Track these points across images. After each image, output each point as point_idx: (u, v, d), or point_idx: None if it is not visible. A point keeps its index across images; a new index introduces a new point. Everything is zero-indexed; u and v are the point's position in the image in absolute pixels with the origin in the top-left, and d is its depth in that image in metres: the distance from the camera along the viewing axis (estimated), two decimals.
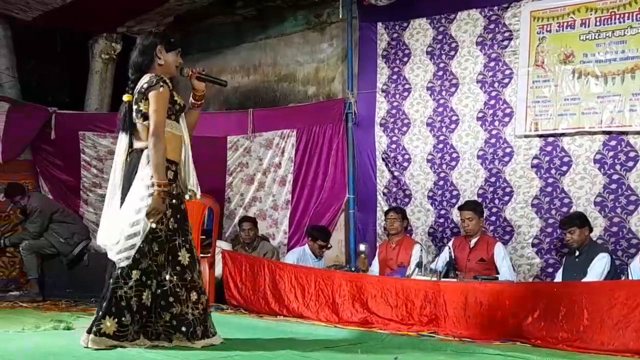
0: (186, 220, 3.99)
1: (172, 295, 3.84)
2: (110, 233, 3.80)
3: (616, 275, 5.31)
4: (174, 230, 3.89)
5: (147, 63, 3.97)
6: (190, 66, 4.34)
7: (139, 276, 3.74)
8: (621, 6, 5.80)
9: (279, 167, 7.77)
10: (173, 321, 3.83)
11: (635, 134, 5.69)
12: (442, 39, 6.80)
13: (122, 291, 3.70)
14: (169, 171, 3.91)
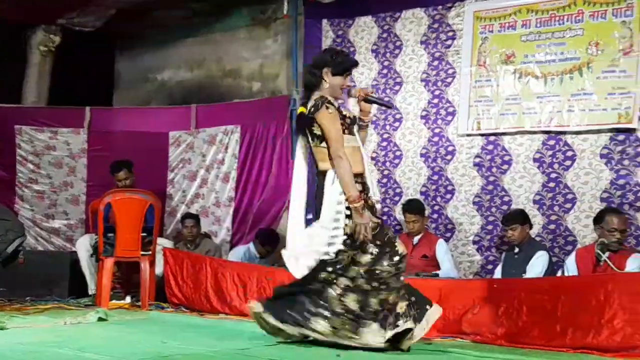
0: (382, 231, 4.00)
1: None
2: (297, 247, 3.99)
3: (553, 271, 5.43)
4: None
5: (315, 83, 4.10)
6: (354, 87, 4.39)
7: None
8: (561, 8, 5.92)
9: (222, 163, 7.70)
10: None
11: (573, 133, 5.82)
12: (386, 38, 6.83)
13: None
14: (357, 184, 3.95)
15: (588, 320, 4.15)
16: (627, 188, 5.57)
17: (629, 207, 5.52)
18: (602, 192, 5.67)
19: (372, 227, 3.91)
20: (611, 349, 4.03)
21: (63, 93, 8.26)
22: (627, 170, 5.58)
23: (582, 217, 5.71)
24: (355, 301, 3.84)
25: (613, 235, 4.99)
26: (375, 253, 3.91)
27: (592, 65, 5.73)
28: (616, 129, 5.63)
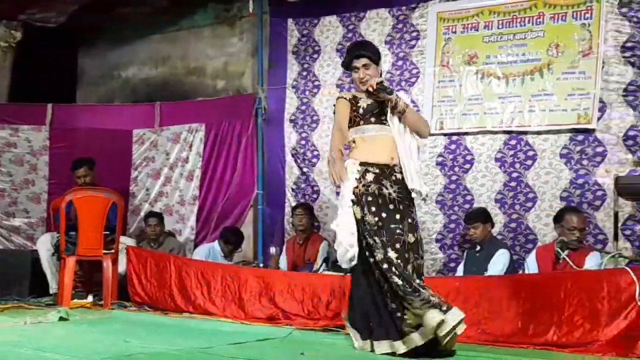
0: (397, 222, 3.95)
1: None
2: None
3: (514, 269, 5.51)
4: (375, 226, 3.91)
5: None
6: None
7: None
8: (522, 10, 6.01)
9: (186, 161, 7.66)
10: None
11: (534, 134, 5.91)
12: (351, 37, 6.86)
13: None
14: (368, 173, 4.01)
15: (548, 317, 4.22)
16: (586, 187, 5.68)
17: (588, 206, 5.63)
18: (562, 191, 5.77)
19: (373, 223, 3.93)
20: (571, 345, 4.10)
21: (24, 89, 8.13)
22: (586, 170, 5.69)
23: (543, 216, 5.81)
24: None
25: (573, 234, 5.07)
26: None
27: (553, 67, 5.84)
28: (575, 129, 5.73)
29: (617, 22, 5.60)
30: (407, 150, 4.06)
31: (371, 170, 4.02)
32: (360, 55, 4.22)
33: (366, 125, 4.13)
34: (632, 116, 5.54)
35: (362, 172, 4.02)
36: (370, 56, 4.20)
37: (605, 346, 4.00)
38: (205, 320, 5.21)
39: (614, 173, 5.46)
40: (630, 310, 3.99)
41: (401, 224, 3.93)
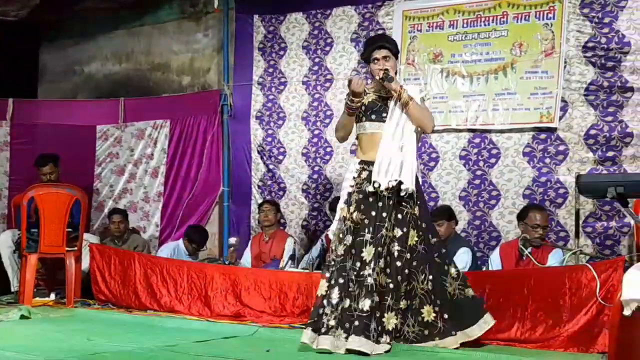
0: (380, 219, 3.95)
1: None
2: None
3: (478, 267, 5.57)
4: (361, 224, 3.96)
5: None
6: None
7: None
8: (486, 10, 6.08)
9: (151, 158, 7.60)
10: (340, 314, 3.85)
11: (498, 132, 5.98)
12: (317, 34, 6.87)
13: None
14: (364, 171, 4.10)
15: (512, 313, 4.29)
16: (549, 185, 5.77)
17: (550, 203, 5.72)
18: (524, 189, 5.86)
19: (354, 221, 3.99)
20: (534, 341, 4.17)
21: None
22: (548, 168, 5.78)
23: (506, 213, 5.89)
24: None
25: (536, 231, 5.14)
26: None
27: (516, 66, 5.91)
28: (538, 128, 5.82)
29: (579, 23, 5.70)
30: (391, 148, 4.03)
31: (367, 168, 4.08)
32: (382, 46, 4.24)
33: (366, 122, 4.18)
34: (593, 115, 5.64)
35: (359, 171, 4.10)
36: (391, 48, 4.23)
37: (567, 342, 4.08)
38: (171, 318, 5.18)
39: (576, 171, 5.57)
40: (591, 306, 4.07)
41: (387, 221, 3.94)
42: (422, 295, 3.94)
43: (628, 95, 5.51)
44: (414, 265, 3.96)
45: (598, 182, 3.75)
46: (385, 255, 3.91)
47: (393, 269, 3.90)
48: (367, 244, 3.90)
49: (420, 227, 4.04)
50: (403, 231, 3.96)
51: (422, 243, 4.01)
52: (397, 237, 3.95)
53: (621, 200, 3.61)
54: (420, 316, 3.93)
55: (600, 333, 3.99)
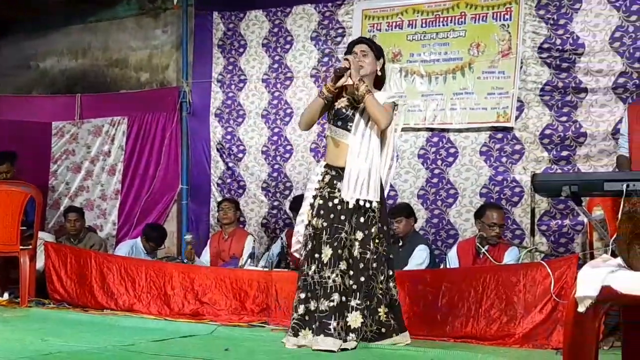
0: (338, 221, 3.96)
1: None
2: None
3: (436, 264, 5.63)
4: (320, 229, 3.98)
5: None
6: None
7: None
8: (445, 10, 6.14)
9: (108, 155, 7.52)
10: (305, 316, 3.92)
11: (456, 131, 6.05)
12: (277, 32, 6.86)
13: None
14: (327, 175, 4.08)
15: (467, 311, 4.34)
16: (505, 184, 5.86)
17: (506, 202, 5.81)
18: (481, 187, 5.94)
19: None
20: (489, 338, 4.23)
21: None
22: (504, 167, 5.87)
23: (463, 212, 5.97)
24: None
25: (492, 229, 5.21)
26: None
27: (474, 66, 5.99)
28: (495, 127, 5.90)
29: (535, 24, 5.79)
30: (358, 163, 4.01)
31: (330, 172, 4.08)
32: (361, 41, 4.28)
33: (333, 126, 4.15)
34: (548, 115, 5.74)
35: (323, 175, 4.10)
36: (370, 45, 4.21)
37: (522, 338, 4.14)
38: (128, 317, 5.12)
39: (531, 170, 5.65)
40: (546, 303, 4.14)
41: (347, 224, 3.96)
42: (380, 295, 3.98)
43: (582, 95, 5.62)
44: (374, 267, 3.99)
45: (553, 181, 3.81)
46: (347, 257, 3.94)
47: (356, 270, 3.94)
48: (325, 245, 3.93)
49: (382, 229, 4.07)
50: (365, 233, 3.98)
51: (382, 245, 4.05)
52: (358, 240, 3.98)
53: (575, 199, 3.67)
54: (377, 315, 3.97)
55: (554, 329, 4.07)
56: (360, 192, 3.96)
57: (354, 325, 3.86)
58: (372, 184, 4.00)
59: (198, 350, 3.76)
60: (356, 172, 3.98)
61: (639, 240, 1.88)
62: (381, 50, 4.28)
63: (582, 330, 1.89)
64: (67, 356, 3.44)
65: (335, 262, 3.89)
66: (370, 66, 4.15)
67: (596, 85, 5.55)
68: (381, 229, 4.06)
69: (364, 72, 4.10)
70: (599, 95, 5.55)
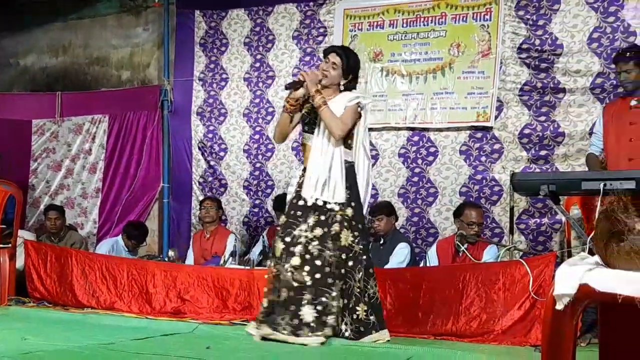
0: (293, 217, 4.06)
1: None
2: None
3: (416, 262, 5.67)
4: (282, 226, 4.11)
5: None
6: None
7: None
8: (425, 10, 6.18)
9: (89, 153, 7.48)
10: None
11: (436, 130, 6.10)
12: (259, 31, 6.87)
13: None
14: (303, 178, 4.15)
15: (447, 308, 4.38)
16: (484, 183, 5.91)
17: (485, 201, 5.86)
18: (461, 186, 5.99)
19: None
20: (468, 335, 4.27)
21: None
22: (484, 166, 5.92)
23: (443, 210, 6.01)
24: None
25: (471, 228, 5.26)
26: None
27: (454, 66, 6.03)
28: (475, 126, 5.96)
29: (514, 24, 5.85)
30: (319, 163, 4.08)
31: (303, 175, 4.16)
32: (332, 50, 4.29)
33: (303, 131, 4.29)
34: (527, 115, 5.80)
35: (301, 177, 4.18)
36: (341, 55, 4.20)
37: (501, 335, 4.19)
38: (109, 316, 5.10)
39: (510, 169, 5.69)
40: (525, 300, 4.19)
41: (304, 222, 4.02)
42: (358, 294, 4.01)
43: (560, 96, 5.69)
44: (350, 265, 4.02)
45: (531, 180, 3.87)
46: (302, 253, 3.98)
47: (312, 266, 3.97)
48: (278, 240, 4.06)
49: (356, 227, 4.09)
50: (324, 231, 4.01)
51: (358, 243, 4.07)
52: (317, 237, 4.01)
53: (553, 198, 3.73)
54: (355, 314, 4.00)
55: (533, 327, 4.12)
56: (321, 192, 4.03)
57: (307, 319, 3.89)
58: (333, 184, 4.05)
59: (179, 348, 3.76)
60: (316, 172, 4.06)
61: (615, 238, 1.91)
62: (353, 66, 4.24)
63: (560, 327, 1.92)
64: (47, 355, 3.42)
65: (286, 257, 3.98)
66: (335, 78, 4.18)
67: (574, 85, 5.62)
68: (354, 227, 4.08)
69: (327, 82, 4.15)
70: (577, 96, 5.62)
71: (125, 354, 3.49)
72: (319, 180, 4.03)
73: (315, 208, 4.03)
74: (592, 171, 4.59)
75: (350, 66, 4.20)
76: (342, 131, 4.07)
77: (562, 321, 1.91)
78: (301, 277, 3.94)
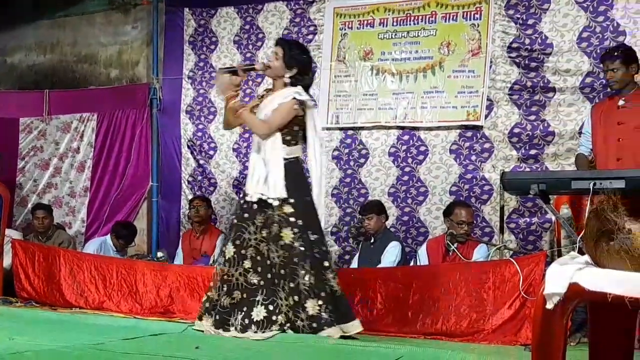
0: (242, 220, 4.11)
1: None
2: None
3: (406, 261, 5.67)
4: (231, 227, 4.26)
5: None
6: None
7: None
8: (415, 9, 6.18)
9: (77, 152, 7.44)
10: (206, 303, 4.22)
11: (426, 129, 6.09)
12: (249, 29, 6.84)
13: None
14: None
15: (438, 307, 4.39)
16: (474, 182, 5.91)
17: (476, 200, 5.86)
18: (451, 185, 5.99)
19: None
20: (458, 334, 4.29)
21: None
22: (474, 165, 5.92)
23: (433, 209, 6.01)
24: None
25: (461, 227, 5.26)
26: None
27: (444, 65, 6.03)
28: (465, 125, 5.95)
29: (504, 24, 5.85)
30: (257, 159, 4.18)
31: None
32: (276, 41, 4.39)
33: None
34: (516, 114, 5.80)
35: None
36: (284, 46, 4.24)
37: (491, 335, 4.20)
38: (98, 316, 5.07)
39: (500, 169, 5.69)
40: (515, 299, 4.20)
41: (252, 224, 4.10)
42: (305, 290, 4.00)
43: (550, 95, 5.69)
44: (294, 262, 4.02)
45: (521, 179, 3.88)
46: (253, 255, 4.05)
47: (263, 267, 4.03)
48: (230, 243, 4.12)
49: (296, 224, 4.07)
50: (269, 231, 4.06)
51: (299, 240, 4.05)
52: (265, 238, 4.07)
53: (543, 197, 3.74)
54: (305, 310, 3.99)
55: (523, 326, 4.13)
56: (261, 188, 4.09)
57: (257, 318, 3.99)
58: (271, 179, 4.08)
59: (169, 348, 3.74)
60: (255, 169, 4.16)
61: (605, 237, 1.91)
62: (297, 58, 4.24)
63: (550, 326, 1.92)
64: (34, 355, 3.39)
65: (238, 260, 4.05)
66: (279, 70, 4.22)
67: (564, 84, 5.63)
68: (293, 224, 4.06)
69: (271, 73, 4.26)
70: (566, 95, 5.63)
71: (115, 354, 3.46)
72: (258, 176, 4.11)
73: (260, 206, 4.08)
74: (582, 170, 4.60)
75: (292, 57, 4.20)
76: (267, 130, 4.15)
77: (552, 320, 1.91)
78: (254, 279, 4.03)
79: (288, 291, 3.99)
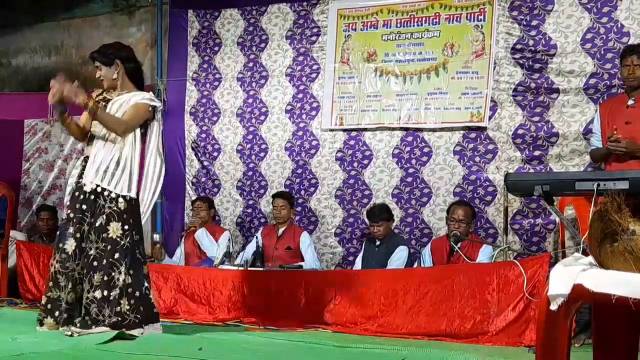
0: (79, 212, 4.04)
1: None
2: None
3: (411, 262, 5.66)
4: (67, 220, 4.11)
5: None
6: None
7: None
8: (419, 10, 6.18)
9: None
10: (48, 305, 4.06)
11: (430, 130, 6.09)
12: (252, 31, 6.85)
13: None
14: (82, 168, 4.21)
15: (441, 309, 4.38)
16: (478, 183, 5.91)
17: (480, 201, 5.86)
18: (455, 187, 5.98)
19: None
20: (462, 336, 4.27)
21: None
22: (478, 167, 5.92)
23: (437, 211, 6.00)
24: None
25: (458, 224, 5.26)
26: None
27: (448, 66, 6.03)
28: (468, 127, 5.95)
29: (508, 25, 5.85)
30: (103, 151, 4.13)
31: (82, 163, 4.27)
32: (90, 55, 4.49)
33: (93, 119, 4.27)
34: (520, 115, 5.80)
35: (81, 169, 4.24)
36: (97, 54, 4.42)
37: (495, 336, 4.19)
38: None
39: (504, 170, 5.70)
40: (519, 301, 4.19)
41: (89, 215, 4.06)
42: (122, 287, 3.99)
43: (554, 96, 5.69)
44: (116, 257, 4.01)
45: (525, 180, 3.88)
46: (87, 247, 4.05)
47: (88, 256, 4.02)
48: (70, 237, 4.04)
49: (127, 221, 4.07)
50: (99, 221, 4.04)
51: (126, 237, 4.05)
52: (95, 227, 4.04)
53: (547, 198, 3.74)
54: (118, 306, 3.98)
55: (527, 327, 4.12)
56: (101, 179, 4.05)
57: (84, 312, 3.99)
58: (118, 174, 4.08)
59: (172, 349, 3.74)
60: (99, 159, 4.10)
61: (609, 239, 1.91)
62: (113, 52, 4.40)
63: (554, 327, 1.92)
64: (39, 357, 3.40)
65: (79, 254, 4.02)
66: (108, 77, 4.38)
67: (568, 85, 5.62)
68: (128, 221, 4.07)
69: (106, 85, 4.39)
70: (570, 96, 5.62)
71: (118, 354, 3.47)
72: (100, 167, 4.07)
73: (94, 197, 4.05)
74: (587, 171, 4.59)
75: (105, 54, 4.37)
76: (127, 128, 4.16)
77: (556, 322, 1.91)
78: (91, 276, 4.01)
79: (98, 284, 3.96)
